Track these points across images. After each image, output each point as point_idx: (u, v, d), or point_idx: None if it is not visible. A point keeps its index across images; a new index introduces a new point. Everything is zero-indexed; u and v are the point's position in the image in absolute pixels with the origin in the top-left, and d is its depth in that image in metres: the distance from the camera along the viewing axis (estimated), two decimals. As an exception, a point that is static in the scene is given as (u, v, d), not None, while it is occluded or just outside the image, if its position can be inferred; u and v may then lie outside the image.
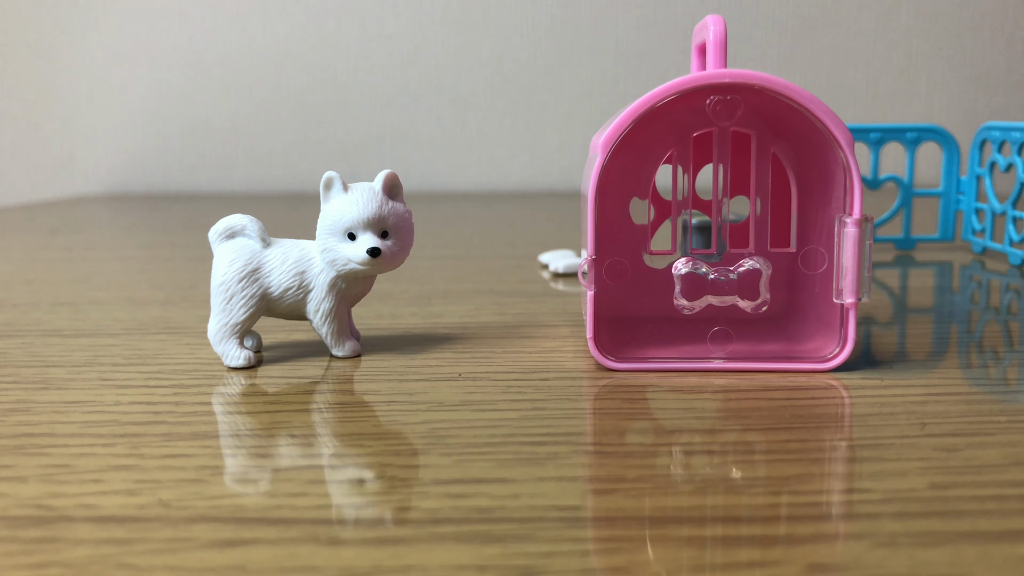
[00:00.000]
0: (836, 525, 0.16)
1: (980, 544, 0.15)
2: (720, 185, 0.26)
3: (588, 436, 0.21)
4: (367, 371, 0.26)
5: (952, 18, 0.95)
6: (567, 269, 0.43)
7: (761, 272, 0.26)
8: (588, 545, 0.15)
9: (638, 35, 0.95)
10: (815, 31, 0.94)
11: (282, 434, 0.21)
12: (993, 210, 0.47)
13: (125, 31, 0.96)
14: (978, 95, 0.95)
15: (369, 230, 0.26)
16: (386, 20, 0.96)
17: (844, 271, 0.25)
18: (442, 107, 0.97)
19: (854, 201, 0.25)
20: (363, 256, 0.26)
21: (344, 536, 0.15)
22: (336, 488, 0.18)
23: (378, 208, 0.26)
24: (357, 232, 0.26)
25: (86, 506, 0.17)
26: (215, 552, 0.15)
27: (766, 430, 0.21)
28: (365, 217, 0.26)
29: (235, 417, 0.22)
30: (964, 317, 0.34)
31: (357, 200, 0.26)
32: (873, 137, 0.50)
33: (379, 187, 0.26)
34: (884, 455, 0.19)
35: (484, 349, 0.28)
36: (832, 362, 0.26)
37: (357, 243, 0.26)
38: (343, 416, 0.22)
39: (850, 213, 0.25)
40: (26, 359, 0.28)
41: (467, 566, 0.14)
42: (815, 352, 0.26)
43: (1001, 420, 0.21)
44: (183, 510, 0.17)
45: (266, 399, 0.24)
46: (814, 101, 0.24)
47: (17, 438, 0.21)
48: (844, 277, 0.25)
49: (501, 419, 0.22)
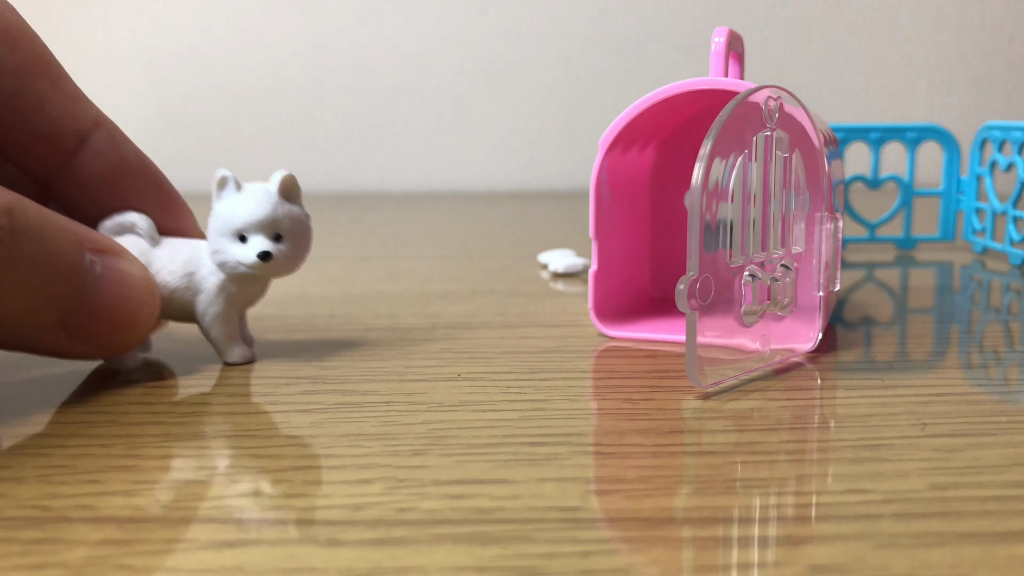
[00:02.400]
0: (837, 526, 0.16)
1: (981, 545, 0.15)
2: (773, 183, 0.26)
3: (588, 436, 0.21)
4: (366, 371, 0.26)
5: (952, 18, 0.94)
6: (567, 269, 0.43)
7: (792, 272, 0.26)
8: (588, 546, 0.15)
9: (639, 35, 0.95)
10: (815, 31, 0.94)
11: (281, 434, 0.21)
12: (994, 210, 0.47)
13: (123, 31, 0.96)
14: (979, 95, 0.95)
15: (261, 232, 0.25)
16: (386, 20, 0.95)
17: (823, 266, 0.27)
18: (442, 107, 0.97)
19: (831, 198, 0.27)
20: (252, 259, 0.25)
21: (343, 537, 0.15)
22: (335, 488, 0.18)
23: (272, 210, 0.25)
24: (248, 234, 0.25)
25: (84, 507, 0.17)
26: (214, 553, 0.15)
27: (766, 430, 0.21)
28: (257, 219, 0.25)
29: (234, 417, 0.22)
30: (965, 317, 0.34)
31: (249, 200, 0.25)
32: (873, 137, 0.49)
33: (274, 188, 0.26)
34: (884, 455, 0.19)
35: (484, 349, 0.28)
36: (811, 343, 0.27)
37: (248, 245, 0.25)
38: (342, 416, 0.22)
39: (829, 210, 0.27)
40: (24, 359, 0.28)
41: (466, 567, 0.14)
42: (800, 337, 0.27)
43: (1002, 420, 0.21)
44: (182, 511, 0.17)
45: (265, 399, 0.24)
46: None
47: (16, 438, 0.21)
48: (821, 271, 0.27)
49: (501, 419, 0.22)
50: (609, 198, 0.30)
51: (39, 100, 0.24)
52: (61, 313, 0.22)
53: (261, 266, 0.25)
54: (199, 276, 0.26)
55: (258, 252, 0.25)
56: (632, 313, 0.32)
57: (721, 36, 0.29)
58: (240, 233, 0.25)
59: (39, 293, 0.21)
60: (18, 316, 0.21)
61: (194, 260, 0.26)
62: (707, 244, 0.23)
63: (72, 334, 0.23)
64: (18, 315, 0.21)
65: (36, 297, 0.21)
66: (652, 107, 0.28)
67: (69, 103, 0.25)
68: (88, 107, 0.26)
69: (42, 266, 0.21)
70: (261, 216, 0.25)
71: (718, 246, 0.24)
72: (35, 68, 0.24)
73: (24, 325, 0.22)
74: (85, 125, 0.25)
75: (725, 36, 0.29)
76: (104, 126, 0.26)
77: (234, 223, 0.25)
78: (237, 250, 0.25)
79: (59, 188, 0.26)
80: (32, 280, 0.21)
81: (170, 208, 0.27)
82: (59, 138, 0.25)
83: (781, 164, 0.26)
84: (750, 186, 0.25)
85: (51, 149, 0.25)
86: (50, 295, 0.21)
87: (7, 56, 0.23)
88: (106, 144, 0.26)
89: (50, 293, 0.21)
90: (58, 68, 0.25)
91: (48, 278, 0.21)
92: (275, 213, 0.25)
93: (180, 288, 0.26)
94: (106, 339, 0.23)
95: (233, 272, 0.26)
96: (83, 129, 0.25)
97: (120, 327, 0.23)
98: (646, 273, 0.34)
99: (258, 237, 0.25)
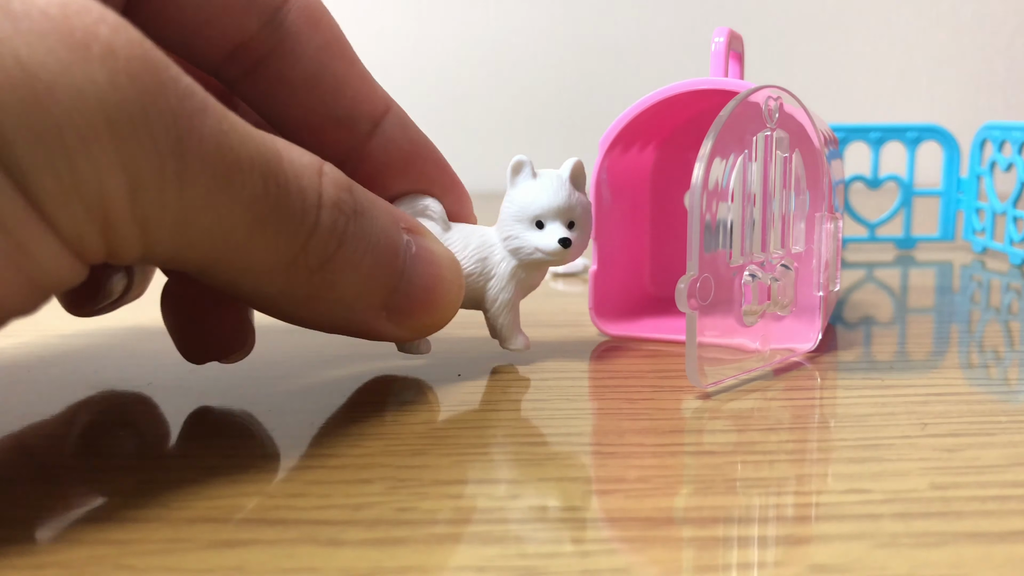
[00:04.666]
0: (836, 526, 0.16)
1: (982, 545, 0.15)
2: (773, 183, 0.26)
3: (588, 436, 0.21)
4: (365, 370, 0.26)
5: (952, 18, 0.94)
6: (567, 269, 0.43)
7: (792, 272, 0.26)
8: (588, 546, 0.15)
9: (638, 35, 0.95)
10: (815, 31, 0.94)
11: (281, 434, 0.21)
12: (994, 210, 0.47)
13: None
14: (979, 94, 0.95)
15: (558, 219, 0.25)
16: (386, 19, 0.95)
17: (823, 265, 0.27)
18: (442, 107, 0.97)
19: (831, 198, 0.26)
20: (554, 246, 0.25)
21: (343, 537, 0.15)
22: (335, 488, 0.17)
23: (568, 197, 0.25)
24: (546, 221, 0.25)
25: (85, 507, 0.17)
26: (213, 553, 0.15)
27: (766, 430, 0.21)
28: (556, 206, 0.25)
29: (233, 417, 0.22)
30: (965, 317, 0.34)
31: (547, 187, 0.25)
32: (873, 136, 0.49)
33: (566, 175, 0.26)
34: (885, 455, 0.19)
35: (483, 349, 0.28)
36: (811, 343, 0.27)
37: (545, 232, 0.25)
38: (342, 416, 0.22)
39: (829, 210, 0.26)
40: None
41: (466, 567, 0.14)
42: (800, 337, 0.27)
43: (1003, 420, 0.21)
44: (182, 510, 0.17)
45: (264, 399, 0.24)
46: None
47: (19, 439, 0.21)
48: (821, 271, 0.27)
49: (501, 419, 0.22)
50: (609, 198, 0.30)
51: (337, 83, 0.24)
52: (386, 293, 0.21)
53: (561, 252, 0.25)
54: (491, 262, 0.26)
55: (559, 238, 0.25)
56: (632, 313, 0.32)
57: (721, 36, 0.29)
58: (537, 220, 0.25)
59: (371, 273, 0.21)
60: (352, 297, 0.21)
61: (485, 245, 0.26)
62: (707, 244, 0.23)
63: (392, 315, 0.22)
64: (352, 296, 0.21)
65: (368, 277, 0.21)
66: (652, 107, 0.28)
67: (364, 86, 0.24)
68: (379, 90, 0.25)
69: (374, 245, 0.21)
70: (560, 203, 0.25)
71: (718, 246, 0.24)
72: (334, 49, 0.24)
73: (355, 307, 0.21)
74: (379, 108, 0.25)
75: (725, 36, 0.29)
76: (394, 110, 0.25)
77: (532, 209, 0.25)
78: (535, 236, 0.25)
79: (350, 173, 0.24)
80: (367, 259, 0.20)
81: (452, 192, 0.27)
82: (354, 122, 0.24)
83: (781, 164, 0.26)
84: (750, 186, 0.25)
85: (346, 133, 0.24)
86: (379, 275, 0.21)
87: (310, 37, 0.23)
88: (398, 128, 0.25)
89: (379, 273, 0.21)
90: (352, 50, 0.24)
91: (378, 257, 0.21)
92: (571, 200, 0.25)
93: (474, 274, 0.26)
94: (418, 321, 0.23)
95: (528, 258, 0.26)
96: (377, 113, 0.25)
97: (433, 308, 0.23)
98: (646, 273, 0.34)
99: (555, 224, 0.25)
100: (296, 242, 0.18)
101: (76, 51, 0.14)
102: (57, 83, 0.14)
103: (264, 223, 0.17)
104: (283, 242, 0.18)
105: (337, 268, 0.20)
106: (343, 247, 0.20)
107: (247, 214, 0.17)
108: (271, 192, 0.17)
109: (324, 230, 0.19)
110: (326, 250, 0.19)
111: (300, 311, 0.21)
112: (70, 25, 0.14)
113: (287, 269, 0.19)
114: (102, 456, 0.20)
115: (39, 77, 0.14)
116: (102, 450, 0.20)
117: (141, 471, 0.19)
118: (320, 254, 0.19)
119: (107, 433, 0.22)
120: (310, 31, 0.23)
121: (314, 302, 0.20)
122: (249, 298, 0.20)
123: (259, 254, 0.18)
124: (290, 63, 0.23)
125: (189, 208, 0.16)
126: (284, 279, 0.19)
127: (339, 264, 0.20)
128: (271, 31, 0.22)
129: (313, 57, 0.23)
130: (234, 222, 0.17)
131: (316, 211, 0.19)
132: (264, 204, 0.17)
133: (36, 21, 0.14)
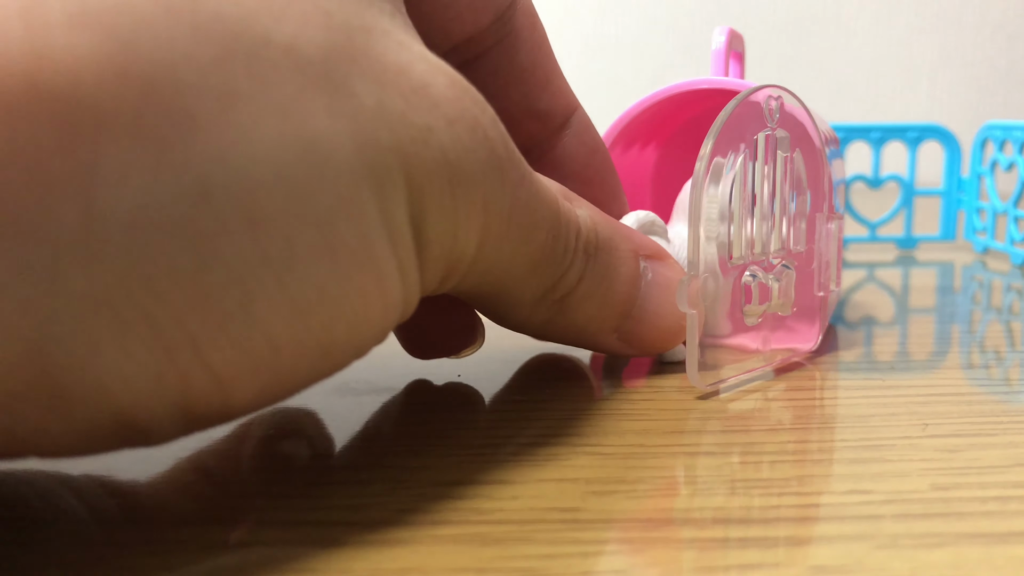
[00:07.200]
0: (837, 526, 0.16)
1: (983, 545, 0.15)
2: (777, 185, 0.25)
3: (588, 436, 0.21)
4: (365, 370, 0.26)
5: (952, 17, 0.94)
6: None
7: (793, 272, 0.26)
8: (588, 546, 0.15)
9: (638, 35, 0.95)
10: (815, 31, 0.94)
11: (280, 435, 0.21)
12: (995, 209, 0.47)
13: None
14: (979, 94, 0.95)
15: None
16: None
17: (824, 265, 0.27)
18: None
19: (831, 198, 0.26)
20: None
21: (343, 537, 0.15)
22: (335, 488, 0.17)
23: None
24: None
25: (85, 507, 0.17)
26: (214, 553, 0.15)
27: (766, 430, 0.21)
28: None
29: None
30: (966, 317, 0.34)
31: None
32: (874, 136, 0.49)
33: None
34: (885, 456, 0.19)
35: (484, 349, 0.28)
36: (812, 344, 0.27)
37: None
38: (341, 416, 0.22)
39: (830, 210, 0.26)
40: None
41: (466, 568, 0.14)
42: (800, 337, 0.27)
43: (1004, 420, 0.21)
44: (183, 511, 0.17)
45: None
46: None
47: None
48: (822, 271, 0.27)
49: (501, 419, 0.22)
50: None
51: (546, 77, 0.24)
52: (618, 320, 0.23)
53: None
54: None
55: None
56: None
57: (722, 35, 0.29)
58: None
59: (604, 302, 0.22)
60: (583, 321, 0.22)
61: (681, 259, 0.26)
62: (707, 244, 0.23)
63: (623, 338, 0.23)
64: (584, 321, 0.22)
65: (602, 307, 0.22)
66: (652, 107, 0.28)
67: (563, 84, 0.25)
68: (571, 90, 0.25)
69: (611, 277, 0.22)
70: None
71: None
72: (545, 48, 0.24)
73: (587, 330, 0.23)
74: (572, 104, 0.25)
75: (726, 35, 0.29)
76: (580, 110, 0.25)
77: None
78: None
79: (533, 163, 0.25)
80: (602, 290, 0.22)
81: (618, 198, 0.27)
82: (551, 116, 0.25)
83: (782, 163, 0.26)
84: (751, 186, 0.25)
85: (541, 127, 0.25)
86: (612, 303, 0.22)
87: (529, 34, 0.23)
88: (584, 126, 0.25)
89: (612, 302, 0.22)
90: (553, 50, 0.25)
91: (613, 287, 0.22)
92: None
93: None
94: (649, 345, 0.24)
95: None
96: (571, 108, 0.25)
97: (665, 334, 0.24)
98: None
99: None
100: (551, 281, 0.20)
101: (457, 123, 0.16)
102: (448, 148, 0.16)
103: (538, 266, 0.19)
104: (542, 281, 0.20)
105: (575, 300, 0.21)
106: (582, 282, 0.21)
107: (530, 261, 0.19)
108: (549, 242, 0.19)
109: (574, 271, 0.21)
110: (569, 286, 0.21)
111: (534, 331, 0.23)
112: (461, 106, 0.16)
113: (535, 301, 0.21)
114: (101, 456, 0.20)
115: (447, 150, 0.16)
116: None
117: (139, 471, 0.19)
118: (564, 289, 0.21)
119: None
120: (529, 29, 0.24)
121: (550, 326, 0.22)
122: (490, 315, 0.22)
123: (525, 292, 0.20)
124: (508, 57, 0.24)
125: (500, 258, 0.18)
126: (530, 309, 0.21)
127: (577, 297, 0.21)
128: (500, 26, 0.23)
129: (528, 53, 0.24)
130: (519, 265, 0.19)
131: (573, 255, 0.20)
132: (543, 252, 0.19)
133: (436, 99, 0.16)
